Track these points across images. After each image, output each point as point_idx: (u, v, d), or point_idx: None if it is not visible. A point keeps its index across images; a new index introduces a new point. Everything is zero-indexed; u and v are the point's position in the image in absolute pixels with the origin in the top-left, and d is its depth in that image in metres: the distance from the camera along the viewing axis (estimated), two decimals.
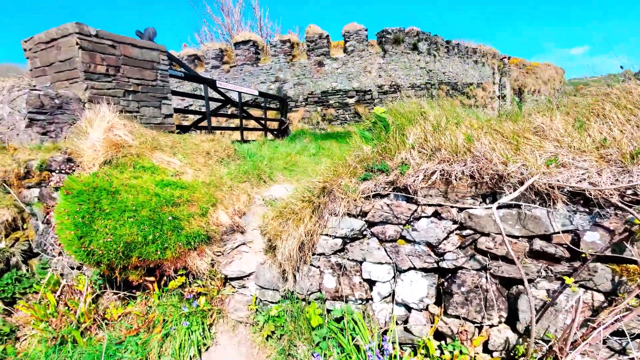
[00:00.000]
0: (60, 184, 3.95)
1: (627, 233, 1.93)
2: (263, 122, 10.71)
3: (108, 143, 3.20)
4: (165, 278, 3.28)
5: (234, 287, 3.27)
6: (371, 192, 2.56)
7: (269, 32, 19.84)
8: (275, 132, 11.45)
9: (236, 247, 3.42)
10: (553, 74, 24.89)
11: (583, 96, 2.37)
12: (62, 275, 4.04)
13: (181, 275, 3.22)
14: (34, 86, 5.29)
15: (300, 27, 20.85)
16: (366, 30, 12.11)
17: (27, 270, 4.13)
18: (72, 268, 3.99)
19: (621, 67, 2.55)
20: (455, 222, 2.37)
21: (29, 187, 4.15)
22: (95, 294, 3.47)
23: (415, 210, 2.46)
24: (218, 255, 3.33)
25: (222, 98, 8.59)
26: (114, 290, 3.40)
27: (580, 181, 2.00)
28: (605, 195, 1.94)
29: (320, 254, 2.81)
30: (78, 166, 3.80)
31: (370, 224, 2.64)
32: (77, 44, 4.51)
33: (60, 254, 4.08)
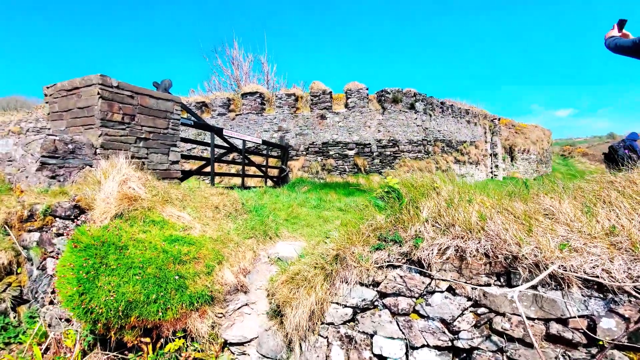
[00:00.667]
0: (63, 230, 3.88)
1: None
2: (264, 169, 10.89)
3: (122, 196, 3.22)
4: (162, 340, 3.11)
5: (233, 354, 3.11)
6: (384, 262, 2.57)
7: (275, 85, 20.95)
8: (275, 179, 11.58)
9: (238, 308, 3.30)
10: (541, 134, 26.18)
11: (588, 182, 2.50)
12: (50, 326, 3.82)
13: (179, 337, 3.07)
14: (49, 129, 5.41)
15: (304, 81, 22.12)
16: (367, 88, 12.86)
17: (15, 318, 3.90)
18: (61, 319, 3.78)
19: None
20: (469, 299, 2.36)
21: (29, 231, 4.07)
22: (83, 352, 3.26)
23: (429, 284, 2.46)
24: (220, 317, 3.20)
25: (226, 145, 8.80)
26: (105, 352, 3.20)
27: (594, 267, 2.04)
28: (619, 282, 1.97)
29: (329, 324, 2.72)
30: (84, 213, 3.77)
31: (382, 295, 2.60)
32: (98, 93, 4.70)
33: (51, 302, 3.89)
